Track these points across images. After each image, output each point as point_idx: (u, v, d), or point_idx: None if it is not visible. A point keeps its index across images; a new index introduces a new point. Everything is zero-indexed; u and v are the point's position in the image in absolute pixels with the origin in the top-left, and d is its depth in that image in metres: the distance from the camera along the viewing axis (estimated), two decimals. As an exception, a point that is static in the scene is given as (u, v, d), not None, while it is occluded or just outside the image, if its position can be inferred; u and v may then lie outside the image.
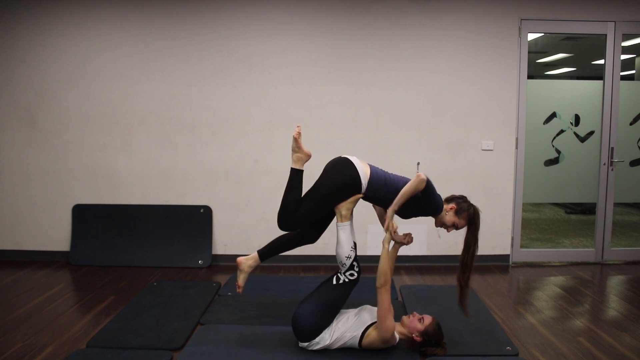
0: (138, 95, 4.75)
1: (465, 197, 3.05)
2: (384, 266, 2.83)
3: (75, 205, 4.84)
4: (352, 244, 2.91)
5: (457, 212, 2.98)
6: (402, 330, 2.90)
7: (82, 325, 3.34)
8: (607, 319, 3.57)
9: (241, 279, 3.10)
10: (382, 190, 2.92)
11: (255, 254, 3.10)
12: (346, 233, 2.91)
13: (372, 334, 2.84)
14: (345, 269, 2.89)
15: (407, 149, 4.76)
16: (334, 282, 2.89)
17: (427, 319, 2.89)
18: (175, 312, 3.53)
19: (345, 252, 2.89)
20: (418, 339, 2.85)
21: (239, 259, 3.10)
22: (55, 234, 4.87)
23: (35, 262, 4.81)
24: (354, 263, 2.91)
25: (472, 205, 3.01)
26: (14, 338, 3.12)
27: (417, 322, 2.87)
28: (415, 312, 2.95)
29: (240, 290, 3.11)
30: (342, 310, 2.99)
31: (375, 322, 2.86)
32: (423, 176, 2.82)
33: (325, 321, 2.86)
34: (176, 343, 3.04)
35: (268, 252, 3.11)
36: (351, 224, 2.95)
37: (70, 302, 3.78)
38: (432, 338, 2.86)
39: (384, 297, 2.79)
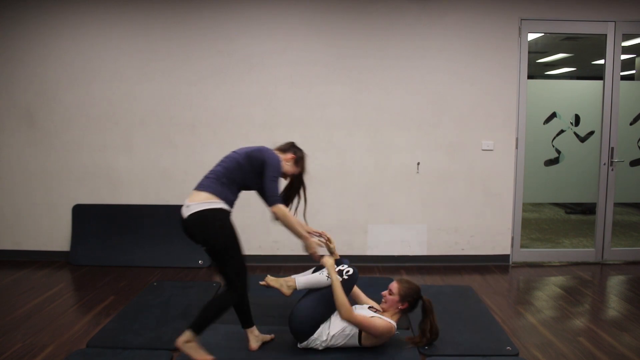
0: (138, 95, 4.75)
1: (293, 143, 3.14)
2: (341, 296, 2.78)
3: (75, 205, 4.84)
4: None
5: (297, 162, 3.05)
6: (388, 315, 2.93)
7: (82, 325, 3.34)
8: (607, 318, 3.57)
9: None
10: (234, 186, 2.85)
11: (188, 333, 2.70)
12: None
13: (369, 337, 2.85)
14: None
15: (407, 148, 4.76)
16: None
17: (394, 285, 2.96)
18: (175, 312, 3.54)
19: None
20: (404, 306, 2.90)
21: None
22: (55, 234, 4.88)
23: (35, 262, 4.81)
24: (344, 266, 2.92)
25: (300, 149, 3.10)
26: (14, 338, 3.12)
27: (390, 297, 2.93)
28: (383, 292, 3.00)
29: None
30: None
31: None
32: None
33: (321, 316, 2.83)
34: (176, 343, 3.04)
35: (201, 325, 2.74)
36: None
37: (70, 302, 3.78)
38: (412, 294, 2.93)
39: (358, 319, 2.79)
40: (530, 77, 4.78)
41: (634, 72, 7.62)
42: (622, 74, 4.77)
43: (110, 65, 4.72)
